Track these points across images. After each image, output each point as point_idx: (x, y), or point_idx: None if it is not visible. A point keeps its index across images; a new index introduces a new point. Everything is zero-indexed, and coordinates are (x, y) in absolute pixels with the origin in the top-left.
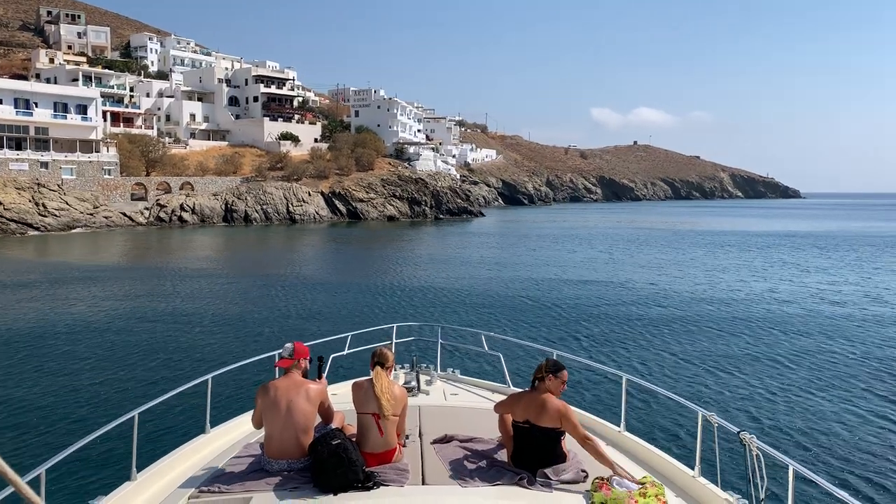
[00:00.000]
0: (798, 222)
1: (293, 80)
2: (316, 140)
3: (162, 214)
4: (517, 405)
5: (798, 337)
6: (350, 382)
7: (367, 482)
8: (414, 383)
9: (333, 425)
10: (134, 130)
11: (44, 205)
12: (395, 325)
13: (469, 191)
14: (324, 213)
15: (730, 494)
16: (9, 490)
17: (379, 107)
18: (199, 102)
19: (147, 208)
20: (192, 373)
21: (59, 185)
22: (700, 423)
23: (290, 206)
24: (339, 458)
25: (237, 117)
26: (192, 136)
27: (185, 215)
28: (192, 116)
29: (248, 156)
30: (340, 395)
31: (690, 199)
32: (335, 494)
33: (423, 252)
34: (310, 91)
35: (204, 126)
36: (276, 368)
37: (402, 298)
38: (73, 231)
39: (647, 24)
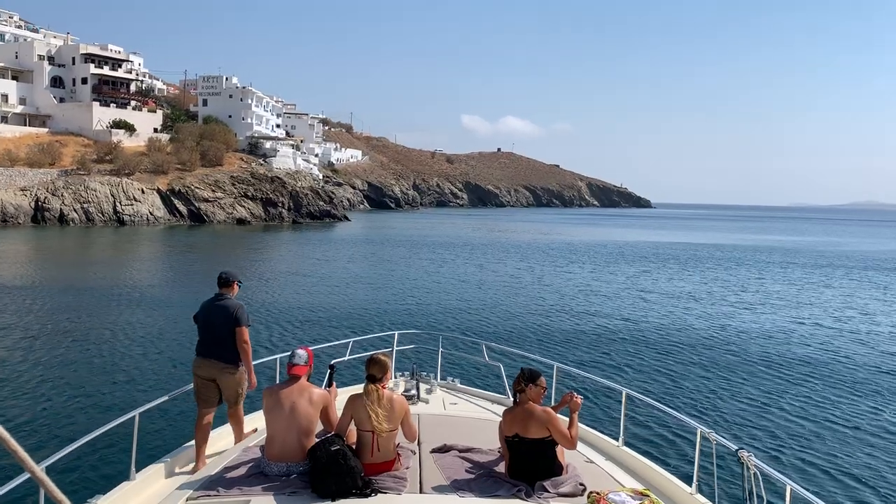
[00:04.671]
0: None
1: (131, 61)
2: (156, 130)
3: None
4: (504, 421)
5: (796, 354)
6: (350, 390)
7: (364, 489)
8: (414, 391)
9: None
10: None
11: None
12: (396, 332)
13: (333, 192)
14: (160, 214)
15: None
16: (24, 476)
17: (231, 96)
18: (14, 81)
19: None
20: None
21: None
22: (699, 440)
23: (117, 204)
24: (337, 464)
25: (61, 100)
26: (4, 119)
27: None
28: (5, 97)
29: (72, 145)
30: (339, 402)
31: (551, 206)
32: (333, 500)
33: (280, 266)
34: (157, 79)
35: (19, 109)
36: (288, 374)
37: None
38: None
39: (521, 37)
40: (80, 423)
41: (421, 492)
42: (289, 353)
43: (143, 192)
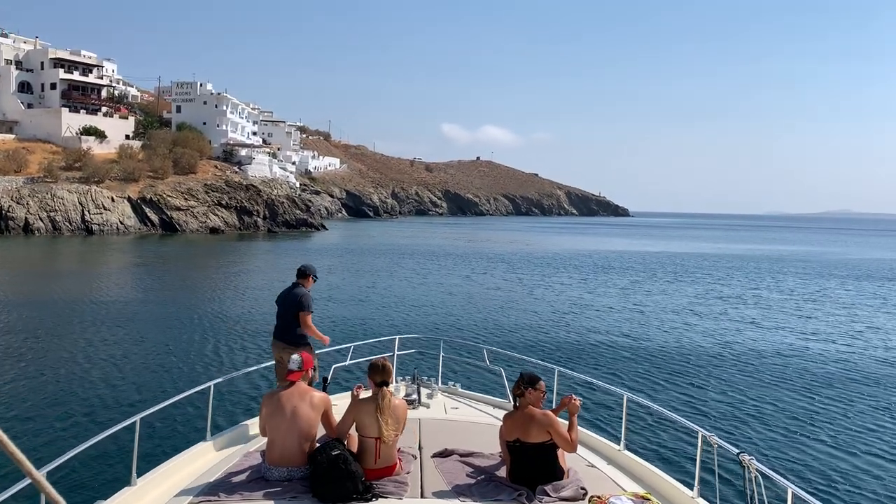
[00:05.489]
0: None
1: (102, 66)
2: (128, 137)
3: None
4: (505, 426)
5: (797, 359)
6: (347, 396)
7: (365, 494)
8: (415, 396)
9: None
10: None
11: None
12: (397, 336)
13: (310, 201)
14: (130, 223)
15: None
16: (24, 482)
17: (206, 102)
18: None
19: None
20: (194, 380)
21: None
22: (700, 444)
23: (86, 213)
24: (338, 468)
25: (29, 106)
26: None
27: None
28: None
29: (40, 152)
30: (342, 406)
31: (530, 214)
32: None
33: (261, 276)
34: (131, 86)
35: None
36: (285, 380)
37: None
38: None
39: (501, 46)
40: (80, 429)
41: (422, 496)
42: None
43: (112, 200)
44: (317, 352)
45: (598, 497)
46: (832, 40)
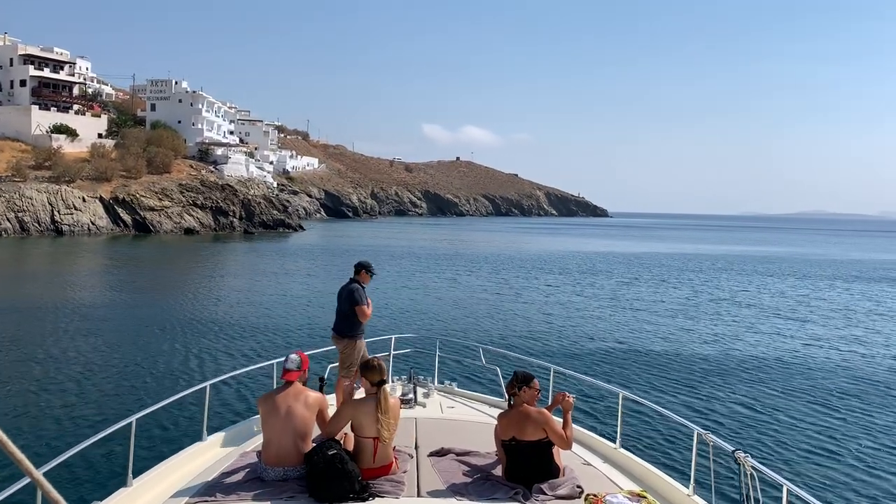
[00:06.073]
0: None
1: (74, 63)
2: (100, 135)
3: None
4: (500, 425)
5: (793, 356)
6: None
7: (362, 493)
8: (411, 395)
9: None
10: None
11: None
12: (392, 336)
13: (288, 201)
14: (102, 224)
15: None
16: (25, 480)
17: (181, 101)
18: None
19: None
20: (190, 381)
21: None
22: (695, 441)
23: (55, 213)
24: (334, 468)
25: None
26: None
27: None
28: None
29: (8, 150)
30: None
31: (510, 215)
32: None
33: (236, 279)
34: (106, 84)
35: None
36: (282, 379)
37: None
38: None
39: (482, 47)
40: (76, 430)
41: (418, 495)
42: (282, 359)
43: (84, 200)
44: (309, 353)
45: (594, 495)
46: (812, 41)
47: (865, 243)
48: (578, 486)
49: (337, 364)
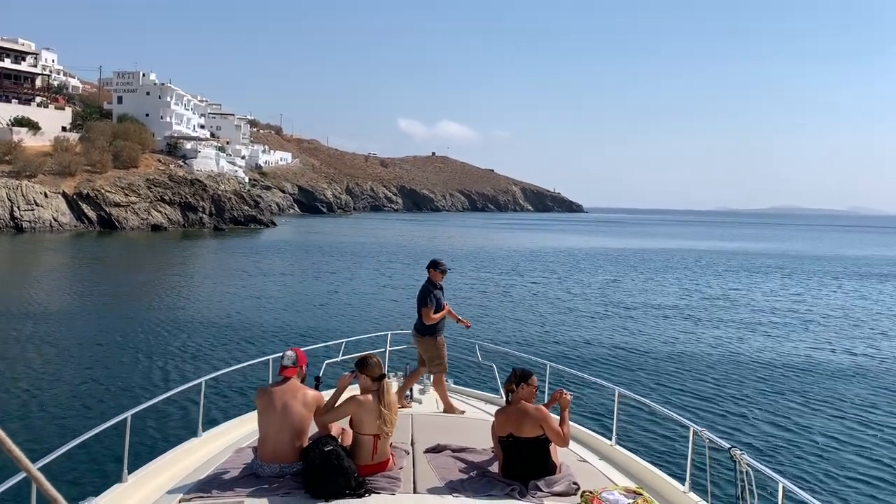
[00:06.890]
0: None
1: (37, 54)
2: (64, 129)
3: None
4: (497, 421)
5: (789, 354)
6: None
7: (358, 489)
8: (408, 392)
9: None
10: None
11: None
12: (389, 332)
13: (260, 196)
14: (65, 220)
15: None
16: (21, 475)
17: (149, 93)
18: None
19: None
20: (186, 376)
21: None
22: (691, 439)
23: (15, 209)
24: (330, 464)
25: None
26: None
27: None
28: None
29: None
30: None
31: (486, 210)
32: (326, 501)
33: (207, 277)
34: (73, 76)
35: None
36: (279, 376)
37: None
38: None
39: (459, 43)
40: (70, 427)
41: (415, 492)
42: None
43: (46, 195)
44: (305, 349)
45: (591, 491)
46: (794, 41)
47: (839, 238)
48: (575, 483)
49: (335, 361)
